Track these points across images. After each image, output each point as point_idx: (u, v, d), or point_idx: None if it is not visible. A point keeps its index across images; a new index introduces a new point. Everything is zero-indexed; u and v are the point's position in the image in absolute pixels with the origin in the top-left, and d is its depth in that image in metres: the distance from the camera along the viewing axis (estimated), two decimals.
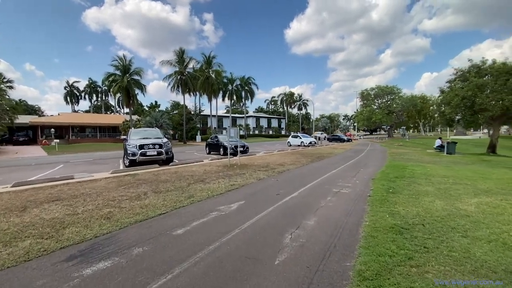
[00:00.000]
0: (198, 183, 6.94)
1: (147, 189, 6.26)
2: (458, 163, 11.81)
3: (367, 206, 4.66)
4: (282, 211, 4.39)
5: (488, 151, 18.32)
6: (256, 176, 7.92)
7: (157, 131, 12.46)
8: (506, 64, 16.16)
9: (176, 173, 8.69)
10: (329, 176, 8.10)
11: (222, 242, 3.14)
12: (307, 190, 6.06)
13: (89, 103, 76.43)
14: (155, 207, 4.68)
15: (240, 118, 66.20)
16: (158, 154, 10.29)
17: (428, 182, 6.90)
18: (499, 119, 16.88)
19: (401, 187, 6.18)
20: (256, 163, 11.43)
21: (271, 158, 13.68)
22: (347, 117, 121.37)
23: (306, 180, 7.41)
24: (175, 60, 36.80)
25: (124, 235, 3.40)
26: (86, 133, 42.97)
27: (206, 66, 40.42)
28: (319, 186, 6.60)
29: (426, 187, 6.19)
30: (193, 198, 5.30)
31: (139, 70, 31.74)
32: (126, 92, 30.80)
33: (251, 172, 8.88)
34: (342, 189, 6.14)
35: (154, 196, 5.49)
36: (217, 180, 7.36)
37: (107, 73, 31.43)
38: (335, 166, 10.71)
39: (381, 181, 6.97)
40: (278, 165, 10.68)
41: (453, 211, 4.23)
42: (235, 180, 7.35)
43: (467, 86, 16.56)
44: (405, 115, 57.01)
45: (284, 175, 8.30)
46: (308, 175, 8.39)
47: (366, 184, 6.75)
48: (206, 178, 7.63)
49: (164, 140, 10.95)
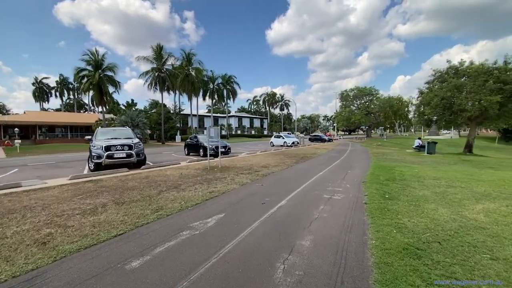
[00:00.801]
0: (171, 190, 6.00)
1: (108, 199, 5.23)
2: (442, 163, 11.78)
3: (367, 217, 4.03)
4: (270, 227, 3.63)
5: (465, 150, 18.91)
6: (239, 181, 7.12)
7: (128, 130, 11.23)
8: (483, 65, 16.68)
9: (147, 178, 7.66)
10: (317, 179, 7.49)
11: (192, 280, 2.32)
12: (296, 197, 5.36)
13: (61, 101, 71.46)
14: (111, 225, 3.73)
15: (222, 117, 64.90)
16: (128, 157, 9.14)
17: (421, 185, 6.48)
18: (476, 119, 17.42)
19: (396, 192, 5.67)
20: (238, 165, 10.63)
21: (255, 160, 12.94)
22: (326, 117, 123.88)
23: (294, 184, 6.73)
24: (153, 57, 34.90)
25: (55, 274, 2.45)
26: (56, 133, 39.75)
27: (186, 64, 38.83)
28: (308, 191, 5.93)
29: (422, 191, 5.73)
30: (161, 211, 4.39)
31: (112, 65, 29.60)
32: (99, 89, 28.57)
33: (233, 175, 8.06)
34: (334, 195, 5.51)
35: (114, 209, 4.51)
36: (194, 186, 6.46)
37: (77, 68, 28.95)
38: (321, 167, 10.18)
39: (373, 185, 6.46)
40: (262, 167, 9.95)
41: (464, 222, 3.71)
42: (214, 186, 6.49)
43: (446, 87, 16.90)
44: (382, 115, 58.83)
45: (269, 179, 7.57)
46: (295, 178, 7.72)
47: (358, 188, 6.19)
48: (181, 184, 6.70)
49: (135, 140, 9.80)
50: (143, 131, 35.09)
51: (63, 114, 52.91)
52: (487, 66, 16.62)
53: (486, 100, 14.92)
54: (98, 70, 28.53)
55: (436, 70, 19.14)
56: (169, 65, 36.72)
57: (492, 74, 15.75)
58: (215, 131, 9.81)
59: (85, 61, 28.30)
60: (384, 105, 54.95)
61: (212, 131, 9.66)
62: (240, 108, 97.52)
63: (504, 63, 16.26)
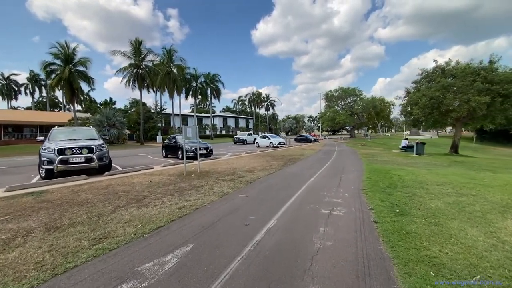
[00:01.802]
0: (131, 205, 4.76)
1: (40, 221, 3.93)
2: (435, 165, 11.24)
3: (384, 245, 3.05)
4: (255, 271, 2.54)
5: (451, 151, 18.85)
6: (218, 191, 5.97)
7: (91, 131, 9.69)
8: (469, 65, 16.58)
9: (107, 188, 6.33)
10: (310, 187, 6.50)
11: None
12: (288, 214, 4.31)
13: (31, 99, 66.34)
14: (17, 270, 2.48)
15: (206, 117, 63.03)
16: (87, 161, 7.71)
17: (428, 193, 5.66)
18: (463, 119, 17.31)
19: (405, 204, 4.78)
20: (220, 170, 9.47)
21: (239, 162, 11.81)
22: (311, 118, 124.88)
23: (284, 194, 5.69)
24: (131, 52, 32.78)
25: None
26: (24, 133, 36.45)
27: (167, 60, 36.97)
28: (302, 204, 4.90)
29: (433, 202, 4.88)
30: (106, 241, 3.18)
31: (85, 60, 27.22)
32: (69, 85, 26.19)
33: (213, 183, 6.90)
34: (333, 209, 4.52)
35: (39, 239, 3.24)
36: (162, 199, 5.24)
37: (44, 62, 26.32)
38: (312, 171, 9.24)
39: (375, 194, 5.55)
40: (247, 172, 8.85)
41: (509, 251, 2.81)
42: (188, 198, 5.31)
43: (435, 87, 16.65)
44: (365, 116, 59.59)
45: (254, 187, 6.48)
46: (285, 185, 6.69)
47: (359, 199, 5.25)
48: (146, 196, 5.46)
49: (98, 142, 8.36)
50: (120, 131, 32.88)
51: (33, 112, 49.07)
52: (473, 66, 16.55)
53: (474, 101, 14.74)
54: (69, 64, 26.13)
55: (423, 69, 18.97)
56: (149, 61, 34.69)
57: (479, 74, 15.66)
58: (192, 131, 8.58)
59: (53, 55, 25.80)
60: (368, 105, 55.62)
61: (189, 131, 8.43)
62: (225, 108, 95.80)
63: (490, 62, 16.24)
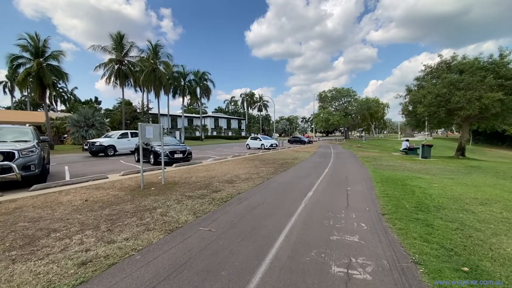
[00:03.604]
0: (10, 253, 2.75)
1: None
2: (452, 172, 9.53)
3: None
4: None
5: (457, 154, 17.33)
6: (172, 219, 3.99)
7: (25, 130, 7.49)
8: (479, 59, 15.10)
9: (12, 213, 4.28)
10: (308, 208, 4.60)
11: None
12: (274, 279, 2.39)
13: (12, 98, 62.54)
14: None
15: (197, 118, 60.78)
16: (2, 172, 5.61)
17: (480, 220, 3.86)
18: (471, 119, 15.82)
19: (464, 247, 2.94)
20: (194, 179, 7.49)
21: (220, 169, 9.85)
22: (305, 119, 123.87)
23: (270, 225, 3.77)
24: (112, 46, 30.37)
25: None
26: None
27: (152, 56, 34.66)
28: (298, 250, 2.99)
29: (503, 241, 3.06)
30: None
31: (58, 54, 24.60)
32: (39, 81, 23.63)
33: (173, 202, 4.93)
34: (352, 265, 2.61)
35: None
36: (73, 237, 3.24)
37: (10, 55, 23.65)
38: (309, 181, 7.37)
39: (407, 225, 3.69)
40: (226, 183, 6.91)
41: None
42: (116, 234, 3.33)
43: (441, 83, 15.09)
44: (359, 117, 58.44)
45: (228, 212, 4.53)
46: (272, 207, 4.77)
47: (386, 235, 3.37)
48: (55, 231, 3.45)
49: (24, 146, 6.23)
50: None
51: (8, 112, 45.89)
52: (482, 61, 15.09)
53: (487, 97, 13.22)
54: (39, 58, 23.58)
55: (427, 65, 17.42)
56: (132, 57, 32.34)
57: (489, 69, 14.19)
58: (154, 131, 6.56)
59: (21, 47, 23.19)
60: (362, 106, 54.50)
61: (148, 131, 6.39)
62: (218, 109, 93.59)
63: (500, 56, 14.80)
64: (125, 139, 17.46)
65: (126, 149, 17.22)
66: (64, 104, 66.61)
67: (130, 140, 17.41)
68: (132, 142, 17.04)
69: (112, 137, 17.43)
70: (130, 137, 17.67)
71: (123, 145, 17.20)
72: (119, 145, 17.05)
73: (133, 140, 17.08)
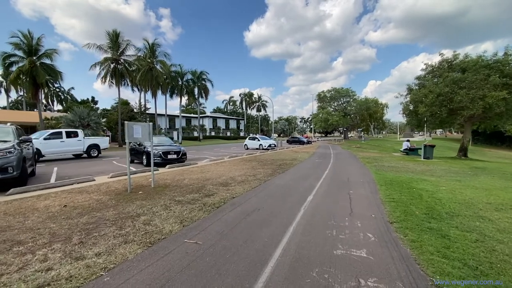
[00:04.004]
0: None
1: None
2: (458, 173, 9.14)
3: None
4: None
5: (460, 154, 16.97)
6: (155, 228, 3.56)
7: (7, 130, 6.98)
8: (482, 57, 14.74)
9: None
10: (308, 214, 4.18)
11: None
12: None
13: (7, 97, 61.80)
14: None
15: (195, 118, 60.23)
16: None
17: (500, 230, 3.47)
18: (474, 118, 15.46)
19: (490, 265, 2.53)
20: (186, 182, 7.06)
21: (216, 170, 9.42)
22: (304, 119, 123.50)
23: (265, 234, 3.35)
24: (108, 45, 29.86)
25: None
26: None
27: (149, 55, 34.15)
28: (297, 268, 2.57)
29: None
30: None
31: (51, 52, 24.08)
32: (32, 79, 23.11)
33: (159, 208, 4.49)
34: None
35: None
36: (37, 251, 2.80)
37: (2, 54, 23.12)
38: (308, 184, 6.95)
39: (420, 236, 3.28)
40: (221, 186, 6.48)
41: None
42: (88, 247, 2.90)
43: (443, 82, 14.73)
44: (358, 117, 58.11)
45: (220, 219, 4.10)
46: (269, 213, 4.34)
47: (398, 250, 2.95)
48: (20, 243, 3.01)
49: (1, 146, 5.78)
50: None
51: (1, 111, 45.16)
52: (486, 59, 14.73)
53: (491, 96, 12.86)
54: (32, 56, 23.06)
55: (428, 64, 17.06)
56: (129, 55, 31.81)
57: (493, 68, 13.83)
58: (143, 130, 6.12)
59: (14, 45, 22.66)
60: (361, 107, 54.18)
61: (136, 130, 5.95)
62: (216, 109, 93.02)
63: (505, 55, 14.44)
64: (57, 140, 13.65)
65: (59, 153, 13.81)
66: (60, 104, 65.99)
67: (64, 142, 13.85)
68: (68, 144, 13.92)
69: (36, 138, 13.02)
70: (65, 138, 13.98)
71: (52, 148, 13.44)
72: (47, 148, 13.23)
73: (69, 141, 13.93)
